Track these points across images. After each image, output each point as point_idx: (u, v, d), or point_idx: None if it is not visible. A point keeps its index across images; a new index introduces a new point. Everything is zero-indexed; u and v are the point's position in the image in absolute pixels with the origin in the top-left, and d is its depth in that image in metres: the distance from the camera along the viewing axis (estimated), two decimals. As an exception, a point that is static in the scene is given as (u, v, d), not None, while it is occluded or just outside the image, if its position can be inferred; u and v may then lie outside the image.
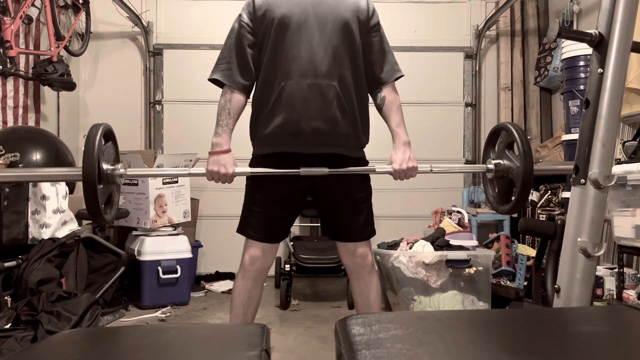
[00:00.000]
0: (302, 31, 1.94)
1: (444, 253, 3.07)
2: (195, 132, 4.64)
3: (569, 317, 1.22)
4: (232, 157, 1.93)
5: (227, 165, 1.90)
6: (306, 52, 1.93)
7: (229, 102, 1.96)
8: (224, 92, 1.98)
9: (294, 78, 1.93)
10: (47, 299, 2.80)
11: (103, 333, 1.41)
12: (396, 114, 2.04)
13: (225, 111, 1.95)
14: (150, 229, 3.71)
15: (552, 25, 1.47)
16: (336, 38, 1.96)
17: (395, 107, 2.05)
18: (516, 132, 1.78)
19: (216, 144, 1.93)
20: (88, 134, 1.65)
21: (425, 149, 4.71)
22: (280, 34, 1.95)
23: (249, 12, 2.00)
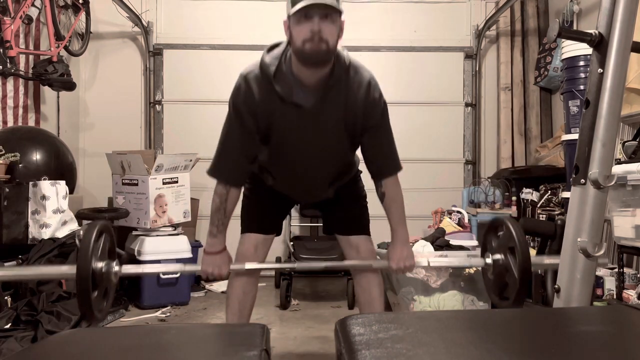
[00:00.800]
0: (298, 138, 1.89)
1: (444, 253, 3.07)
2: (195, 132, 4.63)
3: (569, 317, 1.22)
4: (226, 256, 1.99)
5: (221, 266, 1.95)
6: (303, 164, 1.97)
7: (224, 202, 1.94)
8: (220, 190, 1.94)
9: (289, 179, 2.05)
10: (47, 299, 2.80)
11: (103, 333, 1.41)
12: (396, 211, 2.02)
13: (220, 212, 1.94)
14: (150, 229, 3.71)
15: (552, 25, 1.47)
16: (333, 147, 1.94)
17: (395, 204, 2.02)
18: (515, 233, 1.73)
19: (211, 244, 1.96)
20: (83, 236, 1.66)
21: (425, 149, 4.72)
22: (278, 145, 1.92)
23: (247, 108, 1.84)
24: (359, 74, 1.87)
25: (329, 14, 1.68)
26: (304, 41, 1.68)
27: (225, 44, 4.76)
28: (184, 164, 3.96)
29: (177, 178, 3.90)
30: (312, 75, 1.77)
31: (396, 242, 2.01)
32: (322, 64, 1.74)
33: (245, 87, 1.82)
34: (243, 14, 4.80)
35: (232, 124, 1.88)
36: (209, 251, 1.96)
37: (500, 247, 1.83)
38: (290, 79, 1.79)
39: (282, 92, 1.79)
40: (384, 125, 1.94)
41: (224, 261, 1.96)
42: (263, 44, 4.99)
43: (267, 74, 1.79)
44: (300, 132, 1.86)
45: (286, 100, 1.79)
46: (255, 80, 1.81)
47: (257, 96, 1.81)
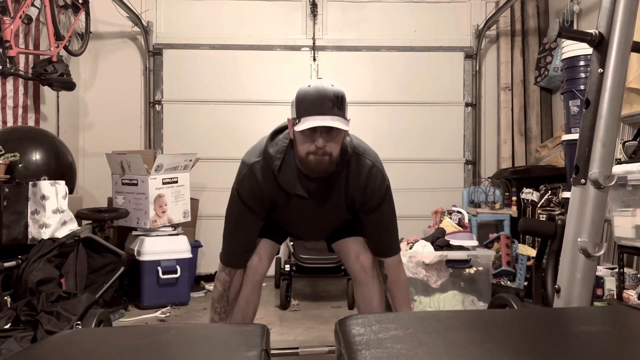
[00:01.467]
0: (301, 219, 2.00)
1: (444, 253, 3.07)
2: (195, 132, 4.63)
3: (569, 317, 1.22)
4: None
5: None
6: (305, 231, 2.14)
7: (228, 289, 1.97)
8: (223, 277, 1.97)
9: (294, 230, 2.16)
10: (47, 299, 2.80)
11: (103, 333, 1.41)
12: (399, 294, 2.04)
13: (223, 300, 1.97)
14: (150, 229, 3.70)
15: (552, 25, 1.47)
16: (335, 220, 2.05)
17: (398, 288, 2.04)
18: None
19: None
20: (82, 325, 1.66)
21: (425, 149, 4.71)
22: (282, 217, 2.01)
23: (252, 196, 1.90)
24: (362, 162, 1.90)
25: (334, 130, 1.72)
26: (308, 153, 1.74)
27: (225, 44, 4.75)
28: (184, 164, 3.96)
29: (176, 178, 3.90)
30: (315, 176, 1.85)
31: None
32: (324, 173, 1.82)
33: (250, 178, 1.87)
34: (243, 14, 4.80)
35: (238, 210, 1.92)
36: None
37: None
38: (294, 171, 1.84)
39: (286, 187, 1.85)
40: (384, 209, 1.96)
41: None
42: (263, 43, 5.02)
43: (272, 167, 1.84)
44: (304, 214, 1.95)
45: (290, 194, 1.87)
46: (260, 170, 1.86)
47: (263, 186, 1.87)
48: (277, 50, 4.77)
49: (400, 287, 2.01)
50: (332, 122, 1.67)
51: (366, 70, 4.78)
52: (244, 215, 1.91)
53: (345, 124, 1.71)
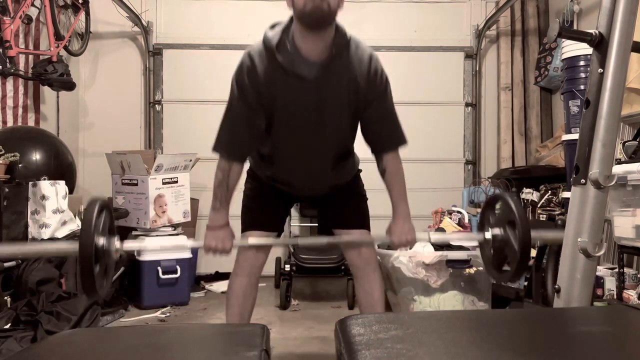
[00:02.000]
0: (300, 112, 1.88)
1: (444, 253, 3.06)
2: (195, 132, 4.63)
3: (569, 317, 1.22)
4: (229, 232, 1.96)
5: (224, 240, 1.93)
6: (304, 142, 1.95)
7: (227, 176, 1.94)
8: (223, 164, 1.94)
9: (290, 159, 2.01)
10: (47, 299, 2.80)
11: (103, 333, 1.41)
12: (397, 186, 2.02)
13: (223, 186, 1.94)
14: (150, 229, 3.71)
15: (552, 25, 1.46)
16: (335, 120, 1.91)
17: (397, 179, 2.02)
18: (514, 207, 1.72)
19: (214, 219, 1.95)
20: (84, 212, 1.66)
21: (425, 149, 4.71)
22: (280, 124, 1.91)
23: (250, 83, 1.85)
24: (360, 49, 1.88)
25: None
26: (305, 2, 1.70)
27: (225, 44, 4.75)
28: (184, 164, 3.96)
29: (176, 178, 3.90)
30: (313, 42, 1.78)
31: (397, 217, 2.00)
32: (322, 24, 1.75)
33: (249, 63, 1.83)
34: (243, 14, 4.80)
35: (235, 100, 1.89)
36: (212, 226, 1.94)
37: (499, 221, 1.84)
38: (293, 51, 1.80)
39: (284, 63, 1.79)
40: (386, 100, 1.94)
41: (227, 236, 1.93)
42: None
43: (270, 46, 1.80)
44: (302, 104, 1.86)
45: (288, 71, 1.80)
46: (259, 55, 1.83)
47: (260, 70, 1.82)
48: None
49: (398, 179, 2.01)
50: None
51: (366, 70, 4.78)
52: (240, 104, 1.87)
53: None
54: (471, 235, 2.16)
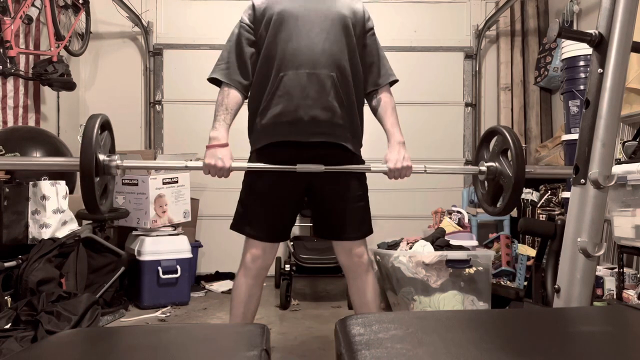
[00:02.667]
0: (301, 24, 1.97)
1: (444, 253, 3.06)
2: (195, 132, 4.62)
3: (569, 317, 1.22)
4: (229, 151, 1.94)
5: (224, 158, 1.90)
6: (305, 43, 1.95)
7: (226, 97, 1.99)
8: (222, 90, 2.02)
9: (292, 68, 1.94)
10: (47, 299, 2.80)
11: (103, 333, 1.41)
12: (391, 115, 2.07)
13: (222, 107, 1.98)
14: (150, 229, 3.71)
15: (552, 25, 1.47)
16: (335, 32, 1.99)
17: (391, 108, 2.09)
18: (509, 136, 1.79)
19: (214, 137, 1.94)
20: (85, 125, 1.66)
21: (425, 149, 4.71)
22: (278, 27, 1.98)
23: (249, 14, 2.06)
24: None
25: None
26: None
27: (225, 44, 4.75)
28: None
29: (177, 178, 3.90)
30: None
31: (393, 144, 2.01)
32: None
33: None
34: (243, 14, 4.80)
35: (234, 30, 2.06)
36: (212, 144, 1.94)
37: (494, 153, 1.87)
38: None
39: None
40: (375, 37, 2.14)
41: (226, 155, 1.92)
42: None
43: None
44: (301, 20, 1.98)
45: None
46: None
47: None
48: (277, 50, 4.78)
49: (392, 109, 2.09)
50: None
51: (366, 70, 4.78)
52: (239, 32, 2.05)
53: None
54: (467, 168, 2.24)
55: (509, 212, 1.92)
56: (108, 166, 1.73)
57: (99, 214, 1.71)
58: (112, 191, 1.84)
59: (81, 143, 1.63)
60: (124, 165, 1.79)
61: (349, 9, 2.04)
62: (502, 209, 1.87)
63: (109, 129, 1.82)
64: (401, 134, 2.04)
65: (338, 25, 2.00)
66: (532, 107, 4.74)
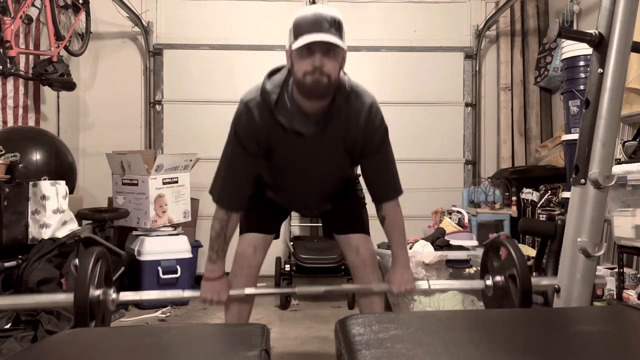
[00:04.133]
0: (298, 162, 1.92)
1: (444, 253, 3.07)
2: (195, 132, 4.63)
3: (569, 317, 1.22)
4: (225, 283, 1.99)
5: (220, 292, 1.97)
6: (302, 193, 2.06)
7: (225, 227, 1.95)
8: (221, 216, 1.95)
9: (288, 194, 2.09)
10: (47, 299, 2.80)
11: (103, 333, 1.41)
12: (397, 235, 2.02)
13: (220, 238, 1.96)
14: (150, 229, 3.71)
15: (552, 25, 1.47)
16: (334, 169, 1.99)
17: (396, 229, 2.02)
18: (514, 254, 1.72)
19: (211, 270, 1.97)
20: (80, 263, 1.66)
21: (425, 149, 4.72)
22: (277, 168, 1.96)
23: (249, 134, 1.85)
24: (360, 100, 1.86)
25: (332, 49, 1.68)
26: (305, 74, 1.68)
27: (225, 44, 4.76)
28: (184, 164, 3.96)
29: (177, 178, 3.90)
30: (312, 105, 1.78)
31: (397, 266, 2.01)
32: (322, 97, 1.75)
33: (247, 114, 1.82)
34: (243, 14, 4.80)
35: (234, 150, 1.87)
36: (209, 277, 1.97)
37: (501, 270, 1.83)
38: (292, 108, 1.79)
39: (283, 122, 1.80)
40: (384, 151, 1.93)
41: (222, 287, 1.97)
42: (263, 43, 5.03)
43: (268, 102, 1.79)
44: (300, 156, 1.89)
45: (287, 128, 1.81)
46: (257, 107, 1.82)
47: (259, 122, 1.82)
48: (277, 50, 4.76)
49: (398, 229, 2.01)
50: (330, 38, 1.65)
51: (366, 71, 4.78)
52: (239, 155, 1.87)
53: (344, 45, 1.71)
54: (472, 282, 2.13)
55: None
56: (104, 301, 1.73)
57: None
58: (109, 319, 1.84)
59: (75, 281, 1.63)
60: (120, 299, 1.80)
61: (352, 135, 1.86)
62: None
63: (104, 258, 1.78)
64: (406, 254, 2.04)
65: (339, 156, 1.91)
66: (532, 107, 4.74)
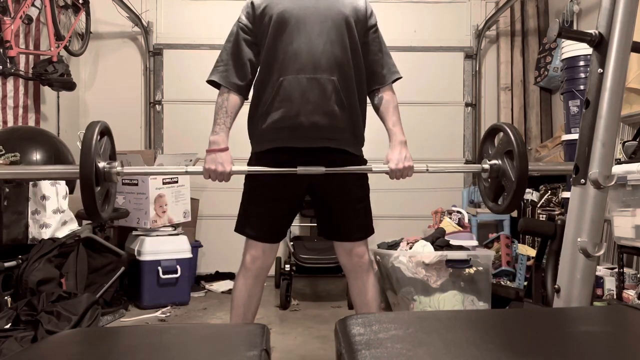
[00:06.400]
0: (301, 26, 1.94)
1: (444, 253, 3.06)
2: (195, 132, 4.62)
3: (569, 317, 1.22)
4: (229, 156, 1.93)
5: (224, 163, 1.90)
6: (305, 47, 1.93)
7: (226, 101, 1.97)
8: (221, 93, 1.99)
9: (292, 72, 1.92)
10: (47, 299, 2.80)
11: (103, 333, 1.41)
12: (393, 114, 2.05)
13: (222, 110, 1.96)
14: (150, 229, 3.71)
15: (552, 25, 1.47)
16: (336, 33, 1.96)
17: (393, 107, 2.06)
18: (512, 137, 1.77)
19: (214, 142, 1.93)
20: (85, 133, 1.65)
21: (425, 149, 4.71)
22: (278, 29, 1.95)
23: (247, 13, 2.01)
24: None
25: None
26: None
27: (225, 44, 4.75)
28: (184, 164, 3.96)
29: (177, 178, 3.90)
30: None
31: (395, 144, 1.99)
32: None
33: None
34: (243, 14, 4.80)
35: (233, 30, 2.02)
36: (211, 149, 1.93)
37: (498, 151, 1.86)
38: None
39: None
40: (379, 34, 2.09)
41: (226, 159, 1.91)
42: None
43: None
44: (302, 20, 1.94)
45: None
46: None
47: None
48: (277, 50, 4.79)
49: (394, 107, 2.07)
50: None
51: (366, 70, 4.78)
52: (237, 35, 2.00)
53: None
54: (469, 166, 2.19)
55: (510, 211, 1.92)
56: (109, 173, 1.72)
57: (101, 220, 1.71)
58: (113, 195, 1.83)
59: (80, 151, 1.62)
60: (125, 171, 1.78)
61: (350, 7, 2.01)
62: (503, 209, 1.87)
63: (109, 134, 1.80)
64: (403, 133, 2.03)
65: (339, 25, 1.97)
66: (532, 107, 4.74)
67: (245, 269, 2.06)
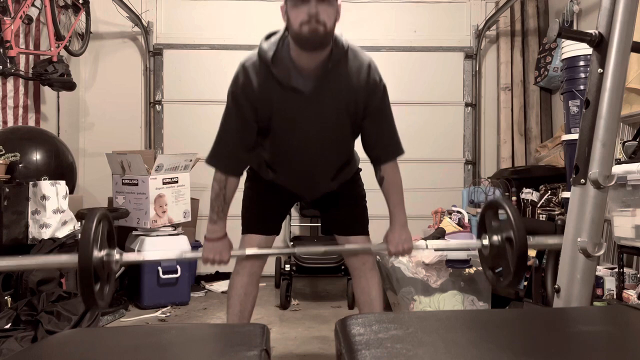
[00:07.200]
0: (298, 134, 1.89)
1: (444, 253, 3.06)
2: (195, 132, 4.63)
3: (569, 317, 1.22)
4: (227, 243, 1.97)
5: (222, 252, 1.94)
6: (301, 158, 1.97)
7: (224, 189, 1.93)
8: (219, 177, 1.93)
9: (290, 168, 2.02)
10: (47, 299, 2.80)
11: (103, 333, 1.41)
12: (395, 195, 2.01)
13: (220, 198, 1.94)
14: (150, 229, 3.71)
15: (552, 25, 1.47)
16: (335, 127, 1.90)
17: (394, 188, 2.00)
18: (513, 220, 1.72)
19: (212, 231, 1.95)
20: (85, 222, 1.65)
21: (425, 149, 4.72)
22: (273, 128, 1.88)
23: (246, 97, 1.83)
24: (358, 58, 1.84)
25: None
26: (301, 24, 1.65)
27: (225, 44, 4.75)
28: (184, 164, 3.96)
29: (177, 178, 3.90)
30: (310, 59, 1.75)
31: (395, 225, 2.00)
32: (319, 47, 1.72)
33: (244, 76, 1.81)
34: (243, 14, 4.80)
35: (230, 114, 1.87)
36: (210, 237, 1.94)
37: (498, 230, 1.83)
38: (289, 64, 1.77)
39: (280, 77, 1.77)
40: (384, 109, 1.91)
41: (225, 247, 1.94)
42: (263, 44, 4.81)
43: (265, 59, 1.77)
44: (300, 119, 1.85)
45: (285, 85, 1.78)
46: (254, 67, 1.80)
47: (256, 84, 1.79)
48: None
49: (396, 188, 2.00)
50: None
51: (366, 70, 4.78)
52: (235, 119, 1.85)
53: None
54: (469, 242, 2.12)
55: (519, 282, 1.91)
56: (108, 262, 1.72)
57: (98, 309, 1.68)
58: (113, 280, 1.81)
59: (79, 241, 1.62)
60: (124, 260, 1.77)
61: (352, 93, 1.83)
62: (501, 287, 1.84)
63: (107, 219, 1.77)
64: (404, 214, 2.02)
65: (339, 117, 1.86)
66: (532, 107, 4.74)
67: (240, 265, 2.10)
